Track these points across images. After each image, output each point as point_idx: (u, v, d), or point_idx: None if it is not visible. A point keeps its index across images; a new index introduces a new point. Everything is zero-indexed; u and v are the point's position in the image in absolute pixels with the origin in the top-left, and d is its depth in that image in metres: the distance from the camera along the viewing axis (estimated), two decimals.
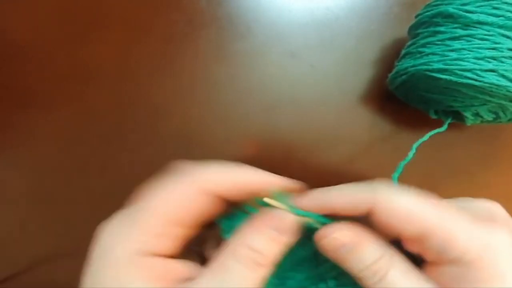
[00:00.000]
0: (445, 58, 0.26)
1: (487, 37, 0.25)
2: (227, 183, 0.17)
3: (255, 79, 0.35)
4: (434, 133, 0.28)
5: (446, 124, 0.30)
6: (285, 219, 0.17)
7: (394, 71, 0.31)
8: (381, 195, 0.16)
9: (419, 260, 0.17)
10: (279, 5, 0.36)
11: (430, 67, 0.27)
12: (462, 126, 0.32)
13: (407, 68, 0.29)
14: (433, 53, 0.27)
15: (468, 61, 0.25)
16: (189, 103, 0.34)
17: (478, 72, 0.25)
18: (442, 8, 0.27)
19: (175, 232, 0.17)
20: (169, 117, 0.34)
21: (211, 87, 0.34)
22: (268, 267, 0.17)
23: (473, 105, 0.29)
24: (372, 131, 0.35)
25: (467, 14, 0.26)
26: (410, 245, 0.17)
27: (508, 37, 0.25)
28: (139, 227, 0.16)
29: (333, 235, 0.17)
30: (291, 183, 0.19)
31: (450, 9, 0.26)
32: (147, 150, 0.34)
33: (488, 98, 0.27)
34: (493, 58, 0.25)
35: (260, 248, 0.16)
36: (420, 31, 0.29)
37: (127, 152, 0.34)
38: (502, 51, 0.25)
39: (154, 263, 0.16)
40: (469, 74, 0.25)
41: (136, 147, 0.34)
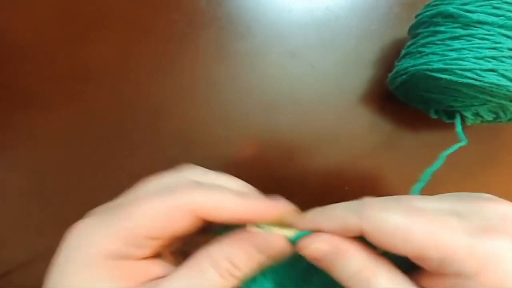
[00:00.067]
0: (445, 58, 0.26)
1: (487, 36, 0.25)
2: (218, 211, 0.17)
3: (255, 79, 0.35)
4: (459, 146, 0.28)
5: (464, 140, 0.29)
6: (268, 241, 0.17)
7: (394, 71, 0.31)
8: (367, 217, 0.16)
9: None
10: (279, 5, 0.36)
11: (430, 67, 0.27)
12: (462, 126, 0.32)
13: (407, 68, 0.29)
14: (433, 53, 0.27)
15: (468, 61, 0.25)
16: (189, 103, 0.34)
17: (478, 71, 0.25)
18: (442, 8, 0.27)
19: (149, 243, 0.17)
20: (169, 117, 0.34)
21: (211, 87, 0.34)
22: (239, 280, 0.17)
23: (473, 105, 0.29)
24: (372, 131, 0.35)
25: (467, 13, 0.25)
26: (410, 258, 0.17)
27: (508, 37, 0.25)
28: (114, 232, 0.16)
29: (313, 245, 0.17)
30: (284, 210, 0.18)
31: (450, 9, 0.26)
32: (147, 150, 0.34)
33: (488, 98, 0.27)
34: (493, 57, 0.25)
35: (237, 261, 0.16)
36: (420, 31, 0.29)
37: (127, 152, 0.34)
38: (502, 51, 0.25)
39: (123, 265, 0.16)
40: (469, 73, 0.25)
41: (136, 147, 0.34)
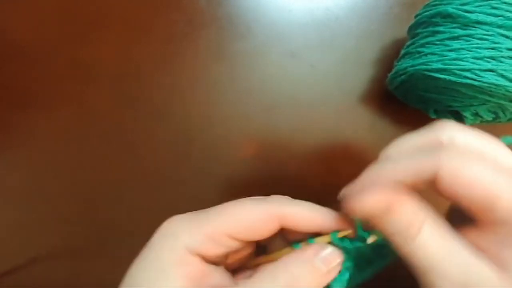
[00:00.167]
0: (444, 58, 0.26)
1: (486, 37, 0.25)
2: (304, 222, 0.19)
3: (255, 79, 0.35)
4: None
5: None
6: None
7: (393, 71, 0.31)
8: (446, 163, 0.16)
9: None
10: (279, 5, 0.36)
11: (429, 67, 0.27)
12: None
13: (406, 68, 0.29)
14: (432, 53, 0.27)
15: (467, 61, 0.25)
16: (189, 103, 0.34)
17: (477, 72, 0.25)
18: (441, 8, 0.27)
19: (228, 243, 0.18)
20: (169, 117, 0.34)
21: (211, 87, 0.34)
22: (330, 279, 0.18)
23: (472, 105, 0.29)
24: (372, 131, 0.35)
25: (466, 14, 0.26)
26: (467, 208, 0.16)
27: (507, 37, 0.25)
28: (200, 226, 0.18)
29: (367, 197, 0.17)
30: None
31: (449, 9, 0.26)
32: (147, 150, 0.34)
33: (487, 98, 0.27)
34: (492, 58, 0.25)
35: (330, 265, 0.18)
36: (419, 31, 0.29)
37: (127, 152, 0.34)
38: (501, 51, 0.25)
39: (196, 263, 0.17)
40: (468, 74, 0.25)
41: (136, 147, 0.34)
